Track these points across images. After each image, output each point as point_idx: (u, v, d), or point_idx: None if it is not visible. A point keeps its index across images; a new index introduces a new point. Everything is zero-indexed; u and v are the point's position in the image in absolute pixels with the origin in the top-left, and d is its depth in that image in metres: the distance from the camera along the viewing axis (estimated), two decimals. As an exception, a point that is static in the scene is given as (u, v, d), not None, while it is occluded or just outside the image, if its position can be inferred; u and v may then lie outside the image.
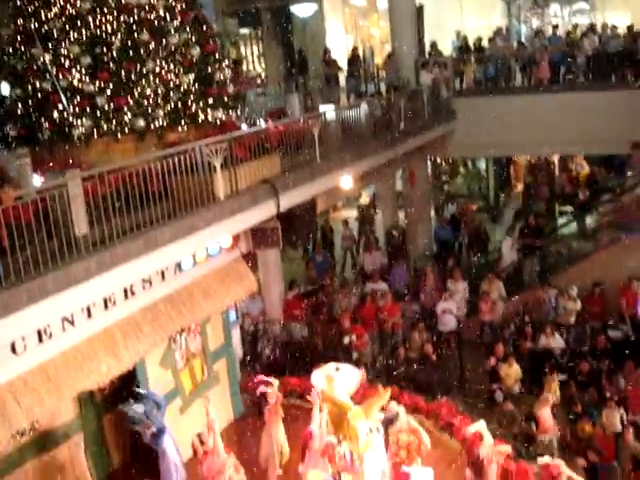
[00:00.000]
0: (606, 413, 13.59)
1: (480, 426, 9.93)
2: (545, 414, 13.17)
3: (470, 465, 9.74)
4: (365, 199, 28.89)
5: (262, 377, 11.65)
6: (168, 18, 13.22)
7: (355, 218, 26.11)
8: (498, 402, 14.77)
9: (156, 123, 12.83)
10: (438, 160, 29.24)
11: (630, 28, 21.11)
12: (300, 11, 25.90)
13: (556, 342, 16.29)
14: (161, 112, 12.90)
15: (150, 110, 12.81)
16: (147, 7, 12.97)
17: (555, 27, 23.82)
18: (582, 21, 26.51)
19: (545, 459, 9.51)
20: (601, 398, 14.85)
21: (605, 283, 17.56)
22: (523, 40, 25.25)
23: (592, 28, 22.02)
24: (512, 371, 15.26)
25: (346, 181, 15.14)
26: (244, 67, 28.42)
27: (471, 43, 23.64)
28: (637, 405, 14.67)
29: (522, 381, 15.45)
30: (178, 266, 11.45)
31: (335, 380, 10.62)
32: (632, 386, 14.92)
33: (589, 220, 21.58)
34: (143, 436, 10.71)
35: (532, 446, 13.16)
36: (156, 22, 13.04)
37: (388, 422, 9.88)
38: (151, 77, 12.88)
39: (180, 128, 13.14)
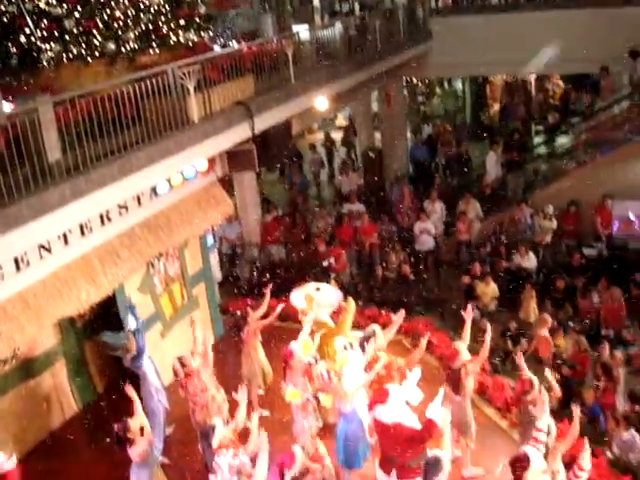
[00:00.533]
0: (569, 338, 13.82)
1: (459, 344, 10.05)
2: (545, 334, 13.38)
3: (448, 381, 9.90)
4: (341, 121, 28.76)
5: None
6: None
7: (321, 143, 25.99)
8: (475, 320, 15.00)
9: (127, 46, 12.59)
10: (414, 81, 29.01)
11: None
12: None
13: (530, 261, 16.46)
14: (131, 34, 12.64)
15: (120, 33, 12.54)
16: None
17: None
18: None
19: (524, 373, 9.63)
20: (576, 314, 15.15)
21: (580, 201, 17.68)
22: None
23: None
24: (489, 289, 15.47)
25: (321, 102, 15.02)
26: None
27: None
28: (610, 320, 15.01)
29: (498, 299, 15.69)
30: (154, 191, 11.36)
31: (315, 300, 10.71)
32: (605, 302, 15.22)
33: (564, 139, 21.62)
34: (123, 360, 10.82)
35: (508, 362, 13.45)
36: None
37: (365, 340, 9.99)
38: (121, -2, 12.58)
39: (151, 51, 12.91)
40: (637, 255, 17.10)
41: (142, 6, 12.82)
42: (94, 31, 12.32)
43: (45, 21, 12.20)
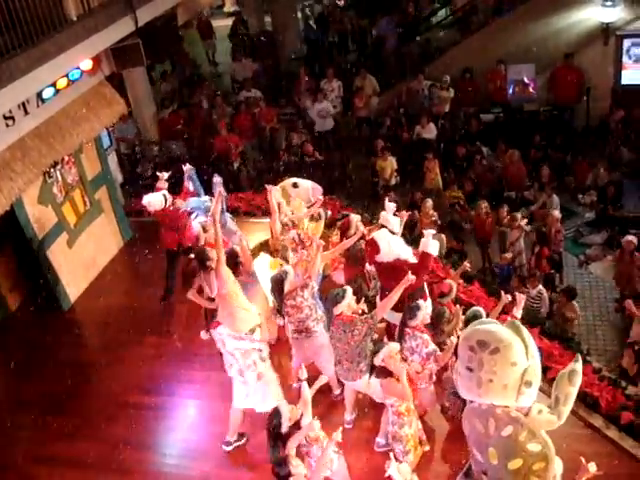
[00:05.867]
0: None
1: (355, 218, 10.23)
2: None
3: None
4: (229, 7, 27.92)
5: None
6: None
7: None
8: (380, 194, 15.23)
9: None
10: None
11: None
12: None
13: (430, 132, 16.65)
14: None
15: None
16: None
17: None
18: None
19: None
20: (475, 184, 15.50)
21: (475, 68, 17.75)
22: None
23: None
24: (387, 164, 15.66)
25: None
26: None
27: None
28: (511, 182, 15.44)
29: (401, 172, 15.90)
30: (40, 97, 10.86)
31: (292, 196, 10.71)
32: (505, 165, 15.61)
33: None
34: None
35: (415, 233, 13.79)
36: None
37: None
38: None
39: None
40: (533, 117, 17.49)
41: None
42: None
43: None
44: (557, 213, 13.08)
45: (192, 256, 9.66)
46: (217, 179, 11.79)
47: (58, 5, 10.45)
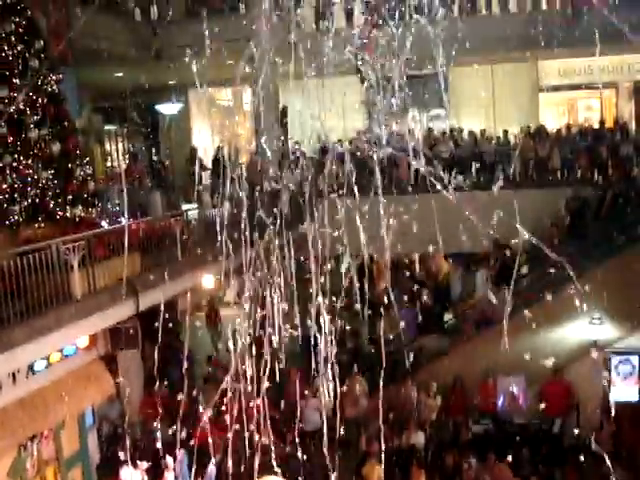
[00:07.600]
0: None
1: None
2: None
3: None
4: (229, 297, 28.67)
5: None
6: (28, 112, 12.96)
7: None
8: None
9: (11, 218, 12.42)
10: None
11: (482, 132, 22.80)
12: (166, 109, 26.11)
13: (418, 439, 16.43)
14: (17, 207, 12.50)
15: (5, 205, 12.40)
16: (6, 100, 12.68)
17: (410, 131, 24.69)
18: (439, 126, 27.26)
19: None
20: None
21: (465, 378, 17.88)
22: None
23: (445, 133, 23.46)
24: (373, 470, 15.25)
25: (207, 280, 15.02)
26: (109, 163, 28.30)
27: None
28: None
29: (387, 477, 15.45)
30: (31, 368, 10.90)
31: None
32: (493, 477, 15.21)
33: (447, 317, 22.06)
34: None
35: None
36: (15, 116, 12.74)
37: None
38: (8, 171, 12.52)
39: (37, 224, 12.76)
40: (522, 429, 17.32)
41: (30, 180, 12.77)
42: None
43: None
44: None
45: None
46: (211, 467, 11.50)
47: (66, 283, 10.84)
